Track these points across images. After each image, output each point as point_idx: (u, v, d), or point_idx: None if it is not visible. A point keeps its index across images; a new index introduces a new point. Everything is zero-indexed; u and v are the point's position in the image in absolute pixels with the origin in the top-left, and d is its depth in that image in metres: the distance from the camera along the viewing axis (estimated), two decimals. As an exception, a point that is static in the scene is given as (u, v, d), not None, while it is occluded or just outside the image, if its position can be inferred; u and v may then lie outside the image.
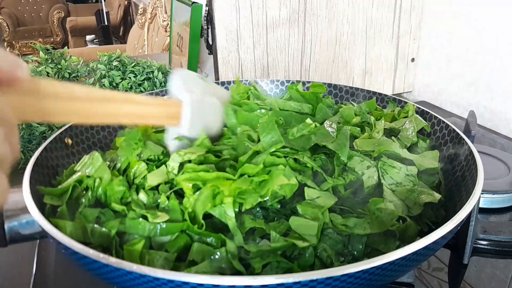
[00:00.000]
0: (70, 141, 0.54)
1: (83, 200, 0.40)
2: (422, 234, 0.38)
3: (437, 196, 0.42)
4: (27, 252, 0.53)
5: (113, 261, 0.29)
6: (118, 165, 0.44)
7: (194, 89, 0.46)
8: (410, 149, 0.51)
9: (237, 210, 0.38)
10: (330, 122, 0.49)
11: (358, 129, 0.51)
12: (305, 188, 0.41)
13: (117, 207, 0.39)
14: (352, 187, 0.44)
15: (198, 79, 0.48)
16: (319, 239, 0.37)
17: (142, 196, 0.40)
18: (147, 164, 0.43)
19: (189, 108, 0.44)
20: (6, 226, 0.38)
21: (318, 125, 0.49)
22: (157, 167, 0.43)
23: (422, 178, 0.47)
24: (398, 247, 0.35)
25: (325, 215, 0.38)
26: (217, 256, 0.35)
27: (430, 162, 0.48)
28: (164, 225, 0.37)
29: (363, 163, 0.45)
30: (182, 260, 0.36)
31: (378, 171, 0.45)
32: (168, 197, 0.39)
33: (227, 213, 0.37)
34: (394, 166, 0.45)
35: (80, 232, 0.37)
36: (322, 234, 0.38)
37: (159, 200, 0.40)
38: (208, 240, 0.37)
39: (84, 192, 0.42)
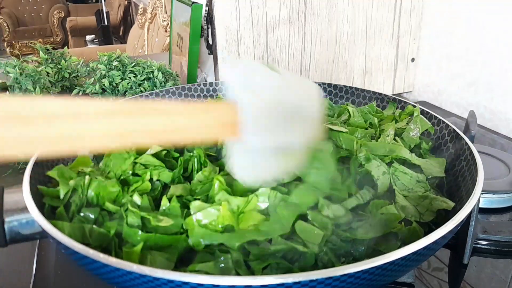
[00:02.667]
0: None
1: (75, 199, 0.40)
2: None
3: (451, 203, 0.42)
4: (27, 252, 0.52)
5: (113, 261, 0.29)
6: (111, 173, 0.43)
7: (259, 86, 0.32)
8: (413, 150, 0.51)
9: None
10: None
11: (371, 130, 0.52)
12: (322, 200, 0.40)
13: (111, 207, 0.39)
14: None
15: (270, 72, 0.33)
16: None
17: (136, 198, 0.40)
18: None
19: (249, 109, 0.31)
20: (6, 226, 0.38)
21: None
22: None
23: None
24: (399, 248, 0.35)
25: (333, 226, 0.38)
26: (222, 259, 0.35)
27: (438, 171, 0.48)
28: (160, 236, 0.36)
29: (380, 168, 0.45)
30: (183, 261, 0.36)
31: (390, 176, 0.45)
32: (169, 200, 0.39)
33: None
34: (406, 173, 0.46)
35: (79, 233, 0.37)
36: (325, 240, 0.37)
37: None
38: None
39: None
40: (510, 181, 0.60)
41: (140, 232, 0.36)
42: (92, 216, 0.39)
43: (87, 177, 0.41)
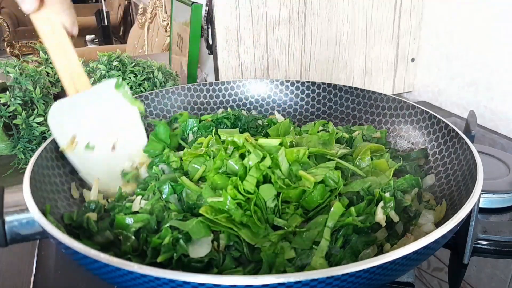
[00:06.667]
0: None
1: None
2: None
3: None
4: (27, 252, 0.52)
5: (114, 260, 0.29)
6: None
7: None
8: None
9: None
10: None
11: None
12: None
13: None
14: None
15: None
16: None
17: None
18: None
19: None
20: (6, 226, 0.38)
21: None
22: None
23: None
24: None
25: None
26: None
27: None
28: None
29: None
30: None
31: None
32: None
33: None
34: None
35: None
36: None
37: None
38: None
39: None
40: (510, 181, 0.60)
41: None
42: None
43: None
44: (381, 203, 0.44)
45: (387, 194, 0.45)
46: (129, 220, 0.42)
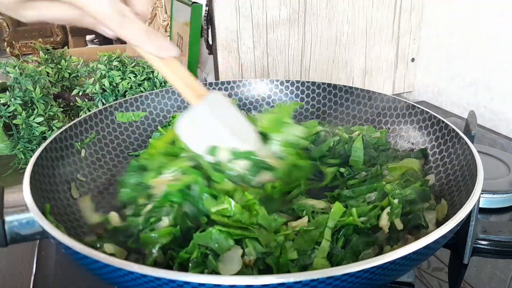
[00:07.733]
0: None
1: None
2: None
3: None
4: (27, 252, 0.53)
5: (114, 261, 0.29)
6: None
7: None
8: None
9: None
10: None
11: None
12: None
13: None
14: None
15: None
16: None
17: None
18: None
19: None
20: (6, 226, 0.38)
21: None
22: None
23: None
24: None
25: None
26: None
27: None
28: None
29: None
30: None
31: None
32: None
33: None
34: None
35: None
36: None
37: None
38: None
39: None
40: (510, 181, 0.60)
41: None
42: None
43: None
44: (387, 209, 0.43)
45: (396, 201, 0.44)
46: (154, 235, 0.40)
